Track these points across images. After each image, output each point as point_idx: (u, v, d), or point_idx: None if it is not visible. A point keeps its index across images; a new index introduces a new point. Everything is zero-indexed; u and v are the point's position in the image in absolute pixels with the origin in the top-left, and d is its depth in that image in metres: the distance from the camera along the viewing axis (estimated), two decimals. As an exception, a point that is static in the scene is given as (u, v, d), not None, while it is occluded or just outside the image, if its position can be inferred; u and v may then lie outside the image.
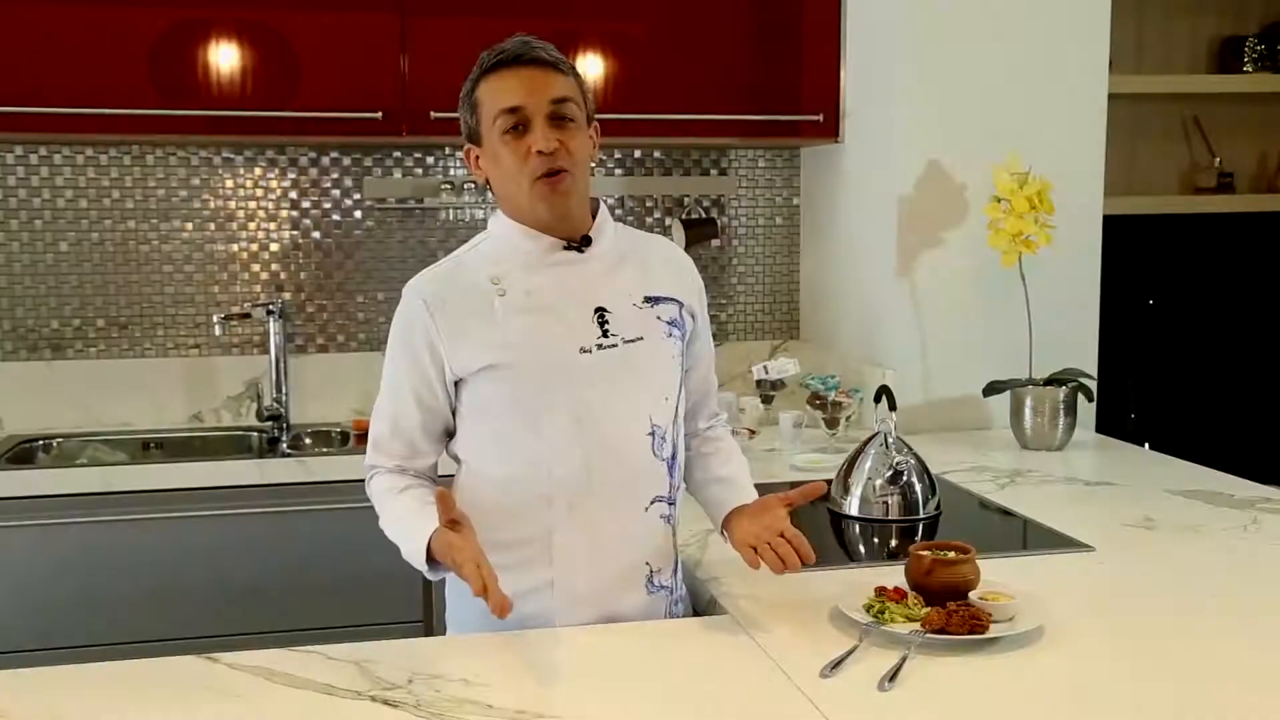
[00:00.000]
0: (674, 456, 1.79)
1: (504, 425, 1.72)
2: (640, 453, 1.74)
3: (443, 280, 1.75)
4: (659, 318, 1.77)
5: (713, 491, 1.88)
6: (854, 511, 2.28)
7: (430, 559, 1.64)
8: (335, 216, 3.33)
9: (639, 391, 1.74)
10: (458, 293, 1.73)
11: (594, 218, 1.78)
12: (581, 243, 1.75)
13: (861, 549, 2.20)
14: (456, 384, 1.74)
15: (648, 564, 1.77)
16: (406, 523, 1.70)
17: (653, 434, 1.74)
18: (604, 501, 1.72)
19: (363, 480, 1.83)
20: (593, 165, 1.79)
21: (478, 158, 1.77)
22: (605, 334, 1.72)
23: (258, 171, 3.28)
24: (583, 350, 1.71)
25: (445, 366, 1.72)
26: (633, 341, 1.74)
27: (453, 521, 1.59)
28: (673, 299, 1.80)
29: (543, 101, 1.68)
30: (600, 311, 1.73)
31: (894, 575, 1.77)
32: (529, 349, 1.69)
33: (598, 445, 1.71)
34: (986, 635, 1.58)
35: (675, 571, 1.84)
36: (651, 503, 1.76)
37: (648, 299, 1.77)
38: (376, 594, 2.82)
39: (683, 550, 2.00)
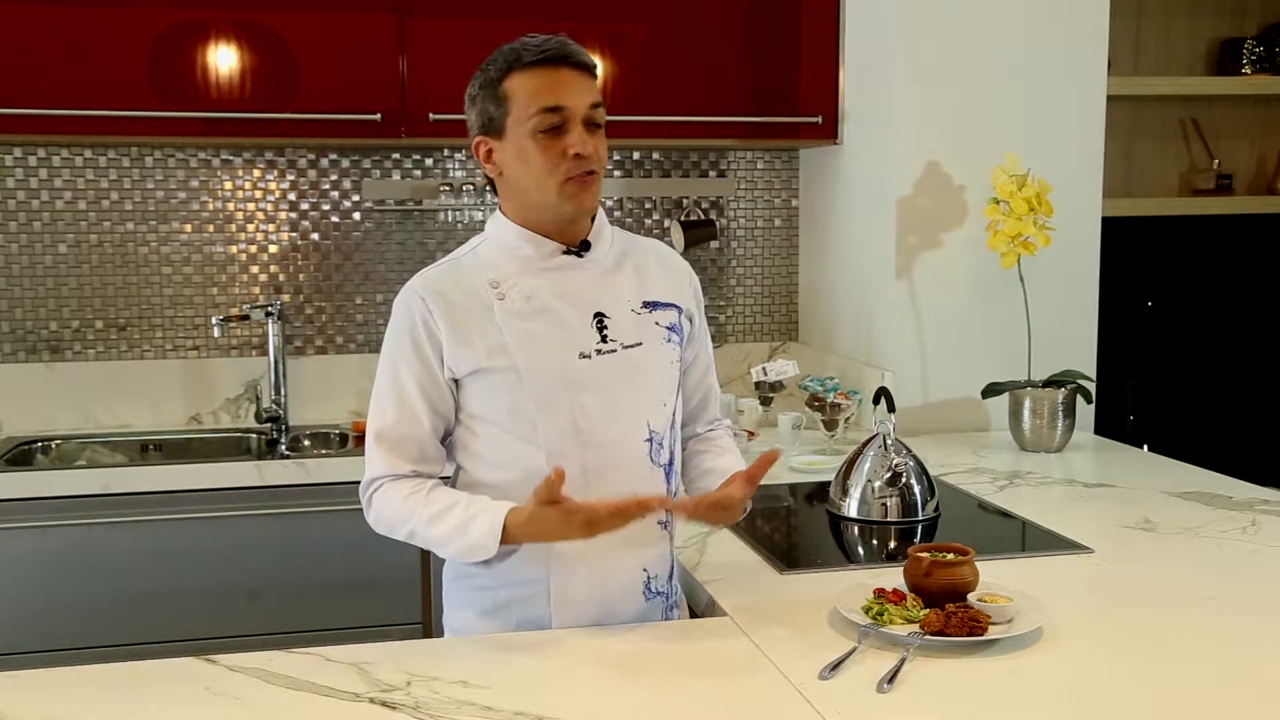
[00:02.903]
0: (671, 463, 1.78)
1: (501, 431, 1.71)
2: (637, 459, 1.73)
3: (441, 280, 1.73)
4: (657, 323, 1.77)
5: (701, 486, 1.84)
6: (853, 513, 2.28)
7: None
8: (334, 218, 3.33)
9: (637, 397, 1.73)
10: (457, 293, 1.71)
11: (592, 222, 1.78)
12: (581, 247, 1.75)
13: (860, 551, 2.19)
14: (455, 384, 1.73)
15: (645, 570, 1.77)
16: (465, 509, 1.65)
17: (650, 440, 1.74)
18: None
19: (359, 482, 1.80)
20: None
21: (490, 151, 1.72)
22: (604, 339, 1.71)
23: (256, 173, 3.28)
24: (582, 356, 1.70)
25: (445, 363, 1.70)
26: (631, 347, 1.73)
27: (552, 503, 1.56)
28: (671, 304, 1.80)
29: (583, 105, 1.67)
30: (599, 316, 1.72)
31: (893, 577, 1.77)
32: (528, 354, 1.68)
33: (595, 451, 1.70)
34: (985, 637, 1.58)
35: (671, 578, 1.83)
36: None
37: (646, 304, 1.77)
38: (375, 596, 2.82)
39: (680, 553, 2.00)
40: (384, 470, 1.73)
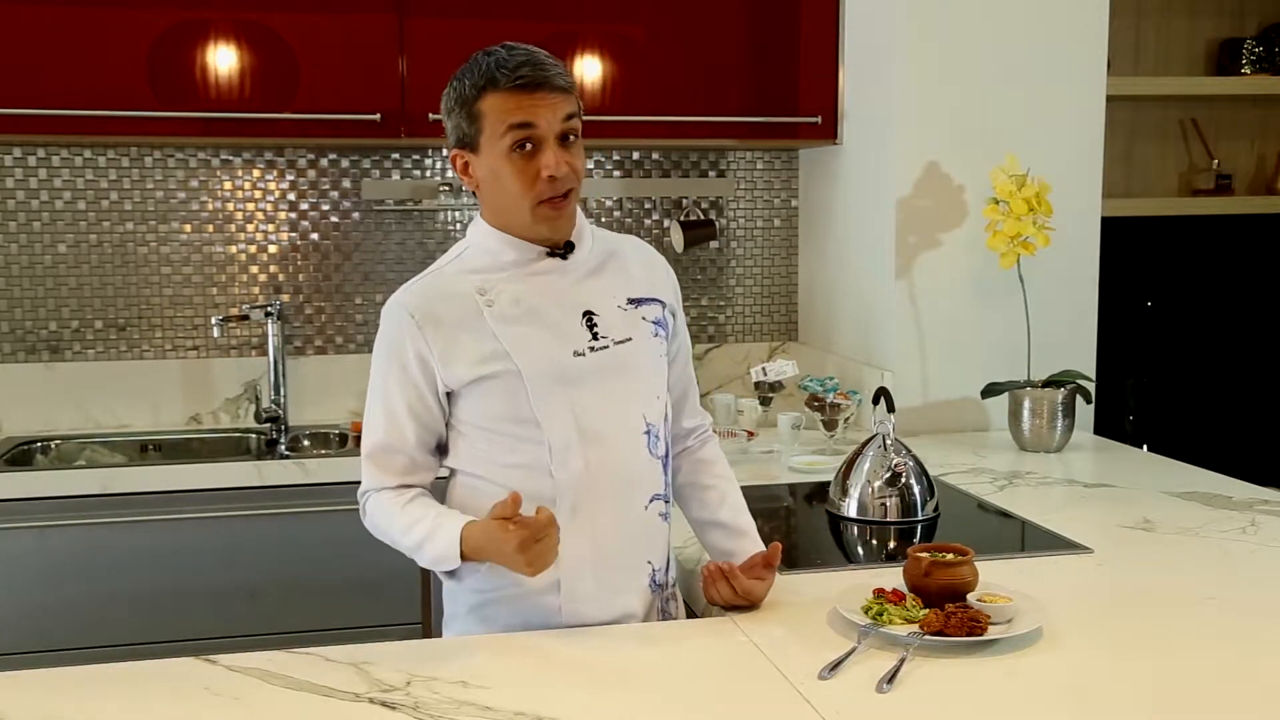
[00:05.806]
0: (666, 455, 1.82)
1: (502, 433, 1.72)
2: (637, 451, 1.75)
3: (428, 293, 1.74)
4: (644, 318, 1.79)
5: (717, 538, 1.89)
6: (852, 513, 2.28)
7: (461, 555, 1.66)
8: (333, 218, 3.33)
9: (632, 391, 1.76)
10: (445, 306, 1.72)
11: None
12: (565, 249, 1.76)
13: (860, 551, 2.19)
14: (449, 395, 1.74)
15: (649, 562, 1.79)
16: (429, 522, 1.69)
17: (648, 433, 1.76)
18: (606, 502, 1.73)
19: (360, 483, 1.82)
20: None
21: (467, 164, 1.73)
22: (595, 337, 1.73)
23: (256, 173, 3.28)
24: (576, 354, 1.72)
25: (438, 380, 1.72)
26: (622, 343, 1.75)
27: (503, 520, 1.59)
28: (654, 299, 1.82)
29: (555, 123, 1.66)
30: (589, 315, 1.74)
31: (892, 577, 1.77)
32: (523, 356, 1.69)
33: (597, 446, 1.71)
34: (985, 637, 1.58)
35: (669, 568, 1.85)
36: (650, 501, 1.77)
37: (631, 300, 1.79)
38: (375, 596, 2.82)
39: (682, 550, 2.01)
40: (374, 484, 1.78)
